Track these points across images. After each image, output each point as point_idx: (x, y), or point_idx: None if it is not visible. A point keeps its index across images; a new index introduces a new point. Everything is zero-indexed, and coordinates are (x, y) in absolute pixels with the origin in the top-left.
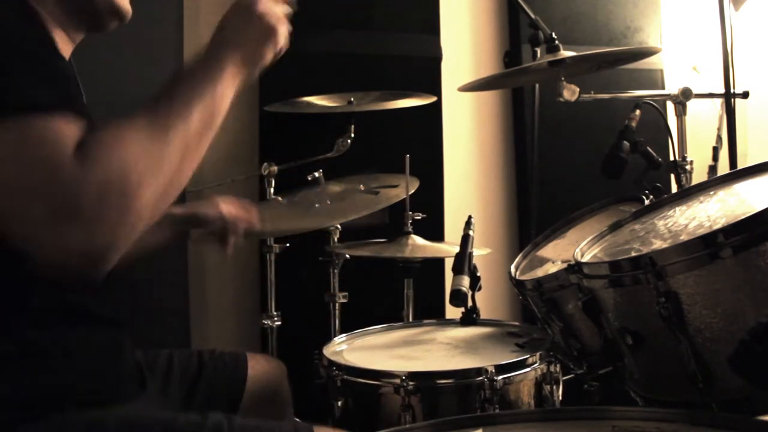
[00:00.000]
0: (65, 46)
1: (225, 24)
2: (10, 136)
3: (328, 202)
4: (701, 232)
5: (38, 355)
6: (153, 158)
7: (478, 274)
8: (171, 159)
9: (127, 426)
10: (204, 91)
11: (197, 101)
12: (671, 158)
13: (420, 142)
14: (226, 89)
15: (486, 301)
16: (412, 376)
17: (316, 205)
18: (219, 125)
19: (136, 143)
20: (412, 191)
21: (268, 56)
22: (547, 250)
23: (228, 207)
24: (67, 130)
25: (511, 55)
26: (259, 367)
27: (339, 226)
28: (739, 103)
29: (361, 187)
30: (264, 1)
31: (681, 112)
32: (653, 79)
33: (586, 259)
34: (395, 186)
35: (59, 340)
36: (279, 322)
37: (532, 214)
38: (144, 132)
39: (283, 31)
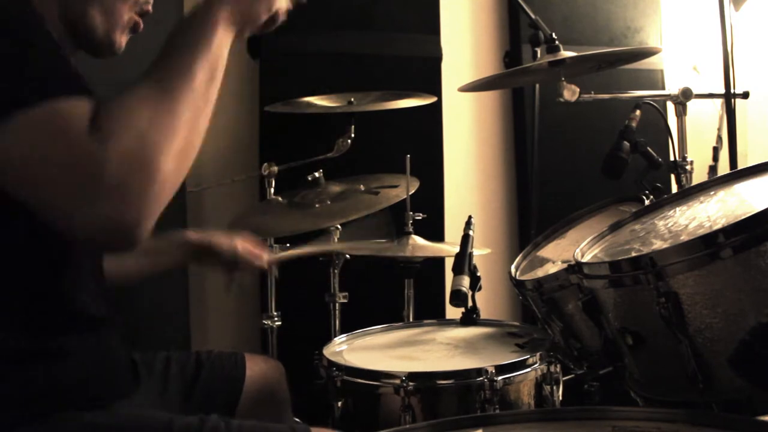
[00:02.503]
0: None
1: None
2: (26, 123)
3: (328, 202)
4: (701, 232)
5: (35, 356)
6: (164, 123)
7: (478, 274)
8: (182, 119)
9: (124, 427)
10: (201, 47)
11: (197, 58)
12: (671, 158)
13: (420, 142)
14: (222, 43)
15: (486, 301)
16: (412, 376)
17: (316, 206)
18: (221, 79)
19: (145, 111)
20: (412, 191)
21: (263, 15)
22: (547, 250)
23: (243, 244)
24: (78, 107)
25: (511, 55)
26: (257, 368)
27: (339, 226)
28: (739, 103)
29: (361, 187)
30: None
31: (681, 112)
32: (653, 79)
33: (586, 259)
34: (395, 186)
35: (55, 341)
36: (279, 322)
37: (532, 214)
38: (151, 99)
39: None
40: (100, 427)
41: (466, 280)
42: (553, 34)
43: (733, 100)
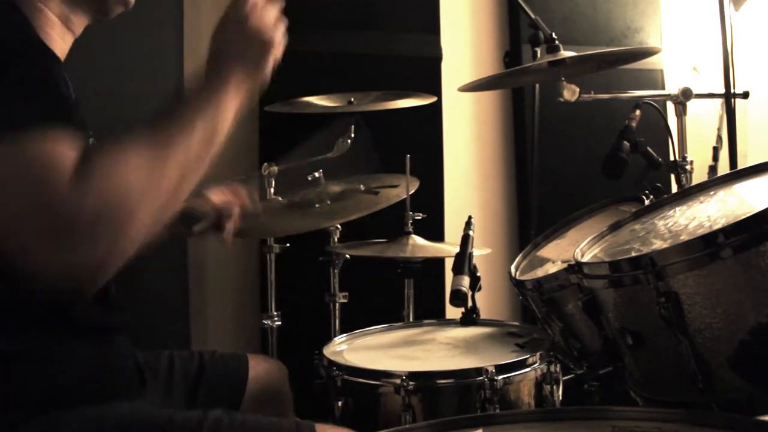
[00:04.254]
0: (64, 39)
1: (220, 41)
2: (6, 156)
3: (328, 202)
4: (701, 232)
5: (37, 356)
6: (151, 182)
7: (478, 274)
8: (169, 181)
9: (126, 423)
10: (206, 112)
11: (199, 122)
12: (671, 158)
13: (420, 142)
14: (229, 107)
15: (486, 301)
16: (412, 376)
17: (317, 205)
18: (222, 142)
19: (135, 167)
20: (412, 191)
21: (268, 66)
22: (547, 250)
23: (217, 196)
24: (64, 149)
25: (511, 55)
26: (260, 368)
27: (339, 226)
28: (739, 103)
29: (361, 187)
30: (254, 12)
31: (681, 112)
32: (653, 79)
33: (586, 259)
34: (395, 186)
35: (57, 341)
36: (279, 322)
37: (532, 214)
38: (144, 156)
39: (279, 37)
40: (102, 421)
41: (466, 280)
42: (553, 34)
43: (733, 100)
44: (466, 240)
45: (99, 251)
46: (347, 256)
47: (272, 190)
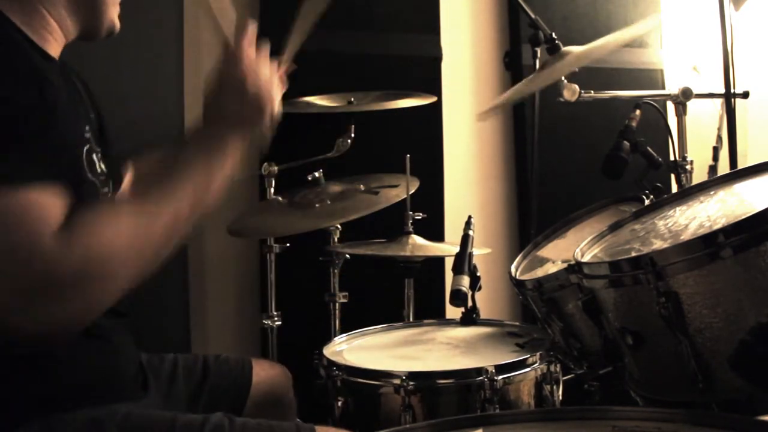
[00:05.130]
0: (58, 42)
1: (217, 102)
2: None
3: (328, 202)
4: (701, 232)
5: (37, 356)
6: (138, 242)
7: (478, 274)
8: (156, 241)
9: (128, 424)
10: (198, 173)
11: (190, 184)
12: (671, 158)
13: (420, 142)
14: (222, 169)
15: (486, 301)
16: (412, 376)
17: (317, 206)
18: (214, 198)
19: (122, 228)
20: (412, 191)
21: (266, 124)
22: (547, 250)
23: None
24: (51, 206)
25: (511, 55)
26: (264, 373)
27: (339, 226)
28: (739, 103)
29: (361, 187)
30: (251, 73)
31: (681, 112)
32: (653, 79)
33: (586, 259)
34: (395, 186)
35: (57, 345)
36: (279, 322)
37: (532, 214)
38: (132, 217)
39: (277, 95)
40: (103, 423)
41: (466, 280)
42: (553, 34)
43: (733, 99)
44: (466, 240)
45: (81, 307)
46: (347, 256)
47: (272, 190)
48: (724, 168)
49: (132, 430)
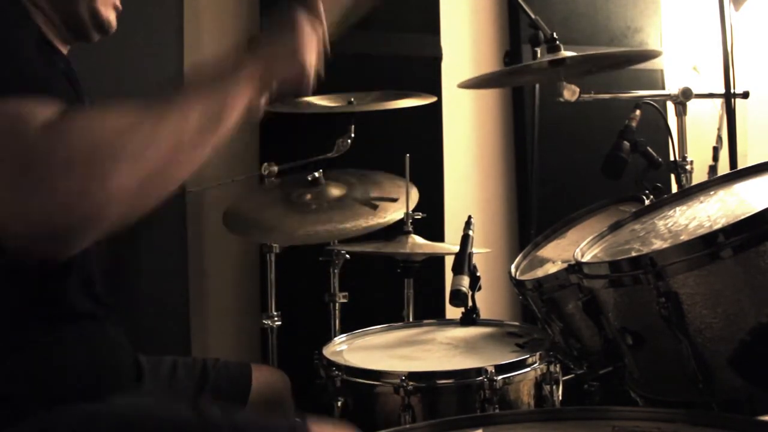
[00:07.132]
0: (56, 39)
1: (266, 44)
2: None
3: (328, 203)
4: (701, 232)
5: (27, 351)
6: (135, 140)
7: (478, 274)
8: (159, 147)
9: (123, 420)
10: (213, 90)
11: (203, 98)
12: (671, 158)
13: (420, 142)
14: (238, 94)
15: (486, 301)
16: (412, 376)
17: (313, 207)
18: (226, 132)
19: (117, 122)
20: (413, 206)
21: (285, 86)
22: (547, 250)
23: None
24: (37, 107)
25: (511, 55)
26: (263, 378)
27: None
28: (739, 103)
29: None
30: (310, 52)
31: (681, 112)
32: (653, 79)
33: (586, 259)
34: (394, 200)
35: (48, 335)
36: (279, 322)
37: (532, 214)
38: (131, 115)
39: (309, 80)
40: (101, 417)
41: (466, 280)
42: (554, 34)
43: (733, 100)
44: (465, 240)
45: (69, 201)
46: (347, 256)
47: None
48: (724, 168)
49: (128, 426)
